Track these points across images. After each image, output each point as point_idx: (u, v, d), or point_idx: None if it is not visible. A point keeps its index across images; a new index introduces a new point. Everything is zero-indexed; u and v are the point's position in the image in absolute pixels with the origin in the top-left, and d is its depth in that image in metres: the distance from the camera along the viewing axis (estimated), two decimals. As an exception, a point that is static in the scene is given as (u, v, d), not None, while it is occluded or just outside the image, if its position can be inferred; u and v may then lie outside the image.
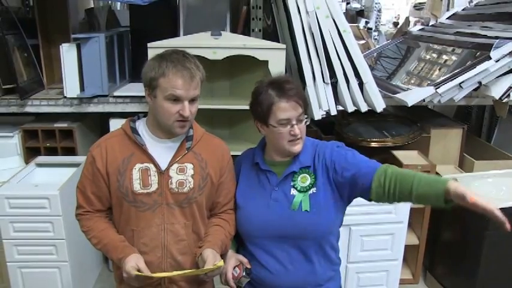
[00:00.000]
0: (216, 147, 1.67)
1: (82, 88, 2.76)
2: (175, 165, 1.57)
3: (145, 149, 1.55)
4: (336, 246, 1.68)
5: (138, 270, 1.47)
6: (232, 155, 1.73)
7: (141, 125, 1.61)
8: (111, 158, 1.56)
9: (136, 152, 1.56)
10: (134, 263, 1.48)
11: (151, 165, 1.55)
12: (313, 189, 1.56)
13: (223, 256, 1.62)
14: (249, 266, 1.63)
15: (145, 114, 1.64)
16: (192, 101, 1.50)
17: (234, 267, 1.62)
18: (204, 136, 1.66)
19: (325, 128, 3.19)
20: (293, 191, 1.57)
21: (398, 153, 2.88)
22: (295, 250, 1.59)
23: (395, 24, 7.23)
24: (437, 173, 2.77)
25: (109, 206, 1.63)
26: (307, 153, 1.60)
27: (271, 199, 1.59)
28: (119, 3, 5.04)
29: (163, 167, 1.56)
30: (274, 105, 1.51)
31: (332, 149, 1.60)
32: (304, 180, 1.57)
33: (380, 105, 2.63)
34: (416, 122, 3.14)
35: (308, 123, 1.59)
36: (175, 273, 1.55)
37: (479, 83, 2.63)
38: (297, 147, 1.57)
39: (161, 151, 1.57)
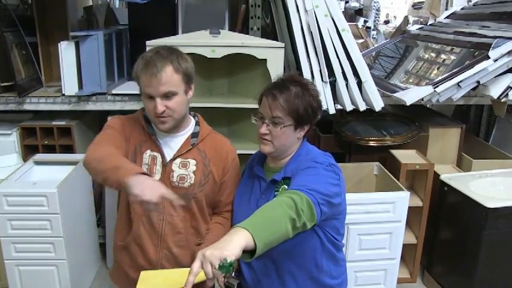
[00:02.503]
0: (221, 146, 1.67)
1: (80, 86, 2.76)
2: (178, 160, 1.59)
3: (155, 140, 1.59)
4: (323, 266, 1.56)
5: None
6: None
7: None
8: (130, 133, 1.60)
9: (149, 140, 1.60)
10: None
11: (158, 155, 1.59)
12: None
13: None
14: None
15: None
16: (166, 96, 1.48)
17: None
18: (210, 134, 1.67)
19: (324, 127, 3.18)
20: None
21: (397, 152, 2.88)
22: (270, 264, 1.53)
23: (386, 22, 7.23)
24: (435, 172, 2.78)
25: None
26: (294, 164, 1.52)
27: (256, 207, 1.45)
28: (117, 1, 5.05)
29: (167, 159, 1.59)
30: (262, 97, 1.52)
31: (305, 166, 1.47)
32: (284, 191, 1.46)
33: (378, 104, 2.63)
34: (414, 121, 3.14)
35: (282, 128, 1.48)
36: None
37: (478, 82, 2.64)
38: (264, 147, 1.52)
39: (167, 144, 1.61)
